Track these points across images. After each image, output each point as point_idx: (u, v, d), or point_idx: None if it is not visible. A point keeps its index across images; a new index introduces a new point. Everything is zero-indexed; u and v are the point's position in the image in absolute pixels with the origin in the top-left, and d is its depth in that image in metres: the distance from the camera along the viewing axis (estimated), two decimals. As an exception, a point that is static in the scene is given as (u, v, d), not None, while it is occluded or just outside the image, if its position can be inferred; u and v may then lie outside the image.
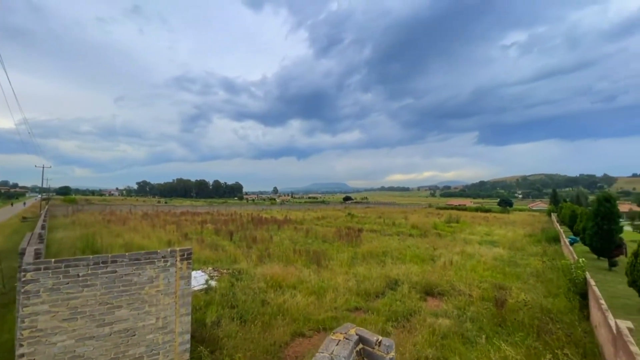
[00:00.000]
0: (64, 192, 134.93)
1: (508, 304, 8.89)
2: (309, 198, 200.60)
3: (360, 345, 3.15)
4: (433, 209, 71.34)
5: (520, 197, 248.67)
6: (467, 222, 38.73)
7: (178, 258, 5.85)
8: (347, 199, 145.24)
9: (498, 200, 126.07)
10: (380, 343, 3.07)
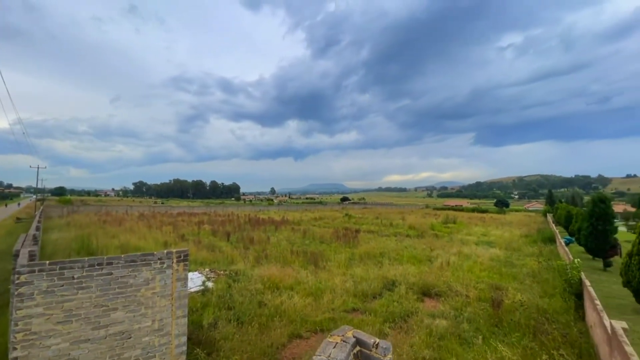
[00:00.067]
0: (59, 192, 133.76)
1: (504, 305, 8.94)
2: (307, 199, 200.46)
3: (358, 348, 3.15)
4: (430, 210, 71.57)
5: (517, 197, 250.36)
6: (464, 222, 38.90)
7: (174, 260, 5.82)
8: (344, 200, 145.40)
9: (494, 201, 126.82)
10: (378, 345, 3.07)
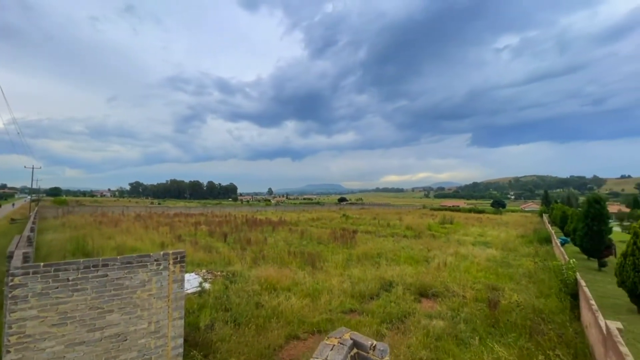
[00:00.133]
0: (55, 193, 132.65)
1: (501, 305, 8.99)
2: (304, 199, 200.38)
3: (355, 350, 3.14)
4: (427, 210, 71.84)
5: (513, 198, 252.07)
6: (460, 223, 39.05)
7: (171, 261, 5.78)
8: (342, 200, 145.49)
9: (491, 201, 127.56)
10: (375, 347, 3.07)
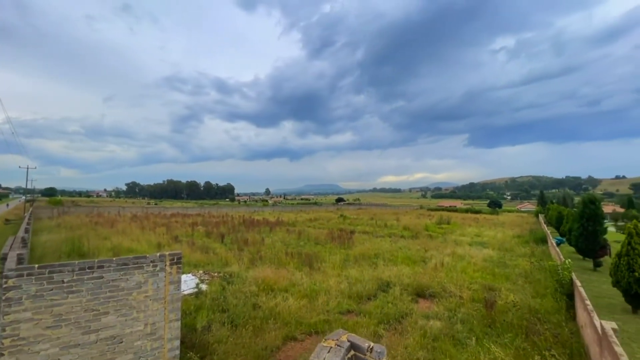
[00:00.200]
0: (50, 193, 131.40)
1: (497, 305, 9.04)
2: (302, 199, 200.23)
3: (352, 352, 3.14)
4: (424, 211, 72.04)
5: (509, 198, 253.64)
6: (457, 223, 39.22)
7: (167, 262, 5.75)
8: (339, 201, 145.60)
9: (487, 202, 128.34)
10: (372, 349, 3.07)
